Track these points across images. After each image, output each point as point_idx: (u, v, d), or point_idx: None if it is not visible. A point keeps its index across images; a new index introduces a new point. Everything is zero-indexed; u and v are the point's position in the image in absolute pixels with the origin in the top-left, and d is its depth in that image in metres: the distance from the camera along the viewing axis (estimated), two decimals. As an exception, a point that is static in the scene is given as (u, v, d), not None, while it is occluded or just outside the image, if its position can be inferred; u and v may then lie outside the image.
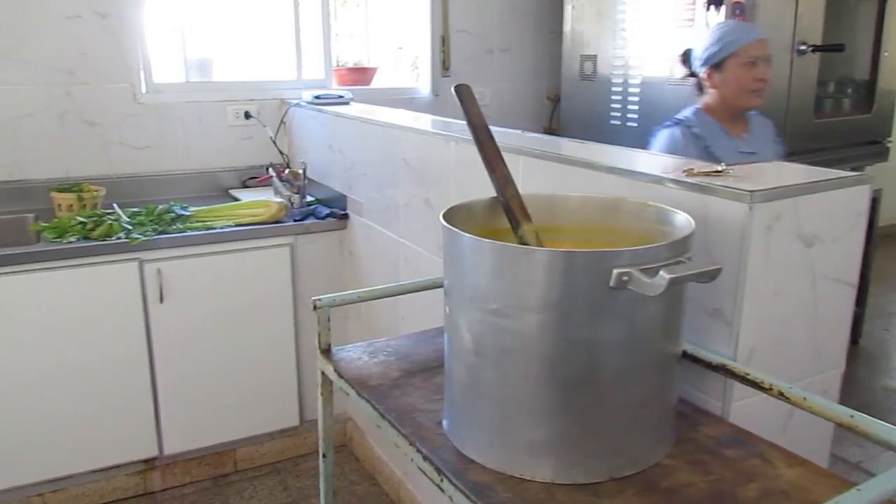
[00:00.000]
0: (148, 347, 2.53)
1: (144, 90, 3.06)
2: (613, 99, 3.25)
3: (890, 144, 3.66)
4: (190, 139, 3.17)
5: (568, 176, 1.51)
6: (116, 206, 2.68)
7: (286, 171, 2.87)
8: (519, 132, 1.93)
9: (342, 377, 1.31)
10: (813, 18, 2.94)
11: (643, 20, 3.06)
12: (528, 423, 0.98)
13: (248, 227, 2.63)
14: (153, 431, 2.60)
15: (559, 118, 3.78)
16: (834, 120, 3.46)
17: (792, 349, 1.24)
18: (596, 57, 3.34)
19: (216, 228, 2.58)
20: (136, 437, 2.58)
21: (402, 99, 3.58)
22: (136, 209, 2.66)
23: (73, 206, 2.67)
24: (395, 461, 2.63)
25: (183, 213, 2.67)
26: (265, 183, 3.11)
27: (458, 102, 1.17)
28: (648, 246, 0.92)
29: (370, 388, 1.25)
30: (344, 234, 2.81)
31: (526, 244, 1.12)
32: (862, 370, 3.66)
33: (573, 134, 3.40)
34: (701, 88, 2.33)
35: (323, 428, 1.43)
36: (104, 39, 2.93)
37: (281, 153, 3.18)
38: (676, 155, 2.09)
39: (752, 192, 1.10)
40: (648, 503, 0.93)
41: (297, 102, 3.15)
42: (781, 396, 1.03)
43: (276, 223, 2.69)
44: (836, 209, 1.21)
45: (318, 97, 3.02)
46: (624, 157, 1.55)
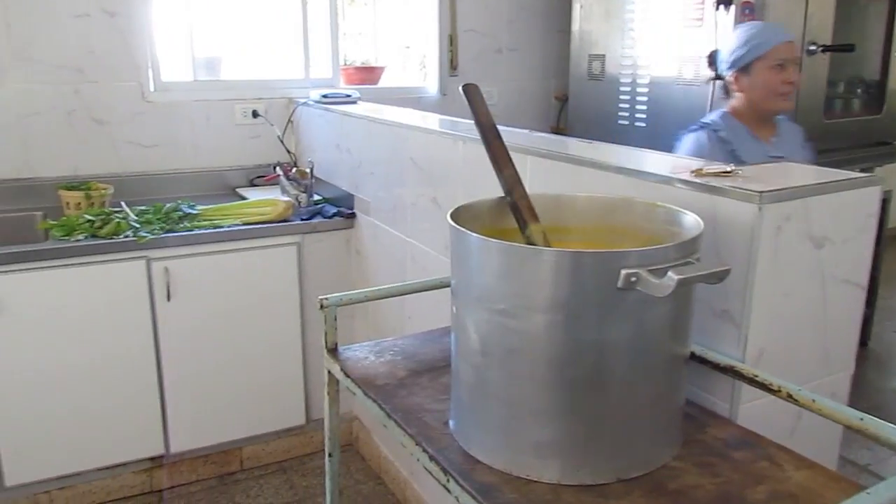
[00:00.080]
0: (155, 346, 2.54)
1: (153, 88, 3.07)
2: (621, 99, 3.24)
3: (900, 145, 3.64)
4: (198, 138, 3.18)
5: (576, 176, 1.51)
6: (124, 204, 2.69)
7: (293, 169, 2.88)
8: (527, 132, 1.93)
9: (349, 376, 1.31)
10: (823, 18, 2.93)
11: (652, 20, 3.05)
12: (534, 423, 0.98)
13: (255, 225, 2.63)
14: (160, 429, 2.60)
15: (567, 118, 3.77)
16: (844, 121, 3.44)
17: (801, 351, 1.23)
18: (604, 56, 3.34)
19: (223, 227, 2.59)
20: (142, 435, 2.59)
21: (409, 98, 3.58)
22: (143, 207, 2.67)
23: (81, 204, 2.68)
24: (400, 461, 2.63)
25: (190, 211, 2.67)
26: (272, 182, 3.12)
27: (465, 102, 1.17)
28: (657, 247, 0.92)
29: (377, 387, 1.25)
30: (351, 233, 2.81)
31: (533, 244, 1.11)
32: (871, 372, 3.64)
33: (581, 134, 3.39)
34: (727, 91, 2.26)
35: (329, 427, 1.43)
36: (112, 38, 2.94)
37: (288, 152, 3.18)
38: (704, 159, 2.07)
39: (761, 192, 1.09)
40: (656, 505, 0.92)
41: (304, 101, 3.15)
42: (790, 398, 1.02)
43: (283, 222, 2.69)
44: (846, 210, 1.20)
45: (325, 96, 3.02)
46: (632, 157, 1.55)
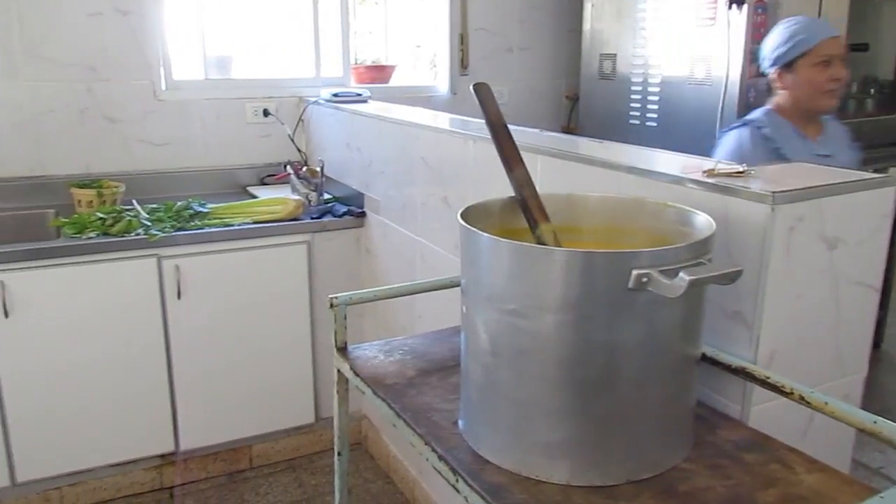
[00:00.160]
0: (165, 343, 2.54)
1: (164, 87, 3.08)
2: (633, 98, 3.23)
3: (914, 146, 3.60)
4: (209, 136, 3.19)
5: (586, 176, 1.50)
6: (136, 202, 2.71)
7: (304, 168, 2.88)
8: (537, 131, 1.92)
9: (358, 375, 1.31)
10: (837, 18, 2.90)
11: (663, 19, 3.04)
12: (544, 424, 0.97)
13: (265, 224, 2.64)
14: (170, 427, 2.61)
15: (578, 117, 3.76)
16: (857, 120, 3.41)
17: (813, 353, 1.22)
18: (615, 56, 3.32)
19: (234, 225, 2.60)
20: (152, 432, 2.60)
21: (420, 97, 3.58)
22: (154, 205, 2.68)
23: (92, 202, 2.70)
24: (409, 460, 2.63)
25: (201, 209, 2.68)
26: (283, 180, 3.13)
27: (476, 101, 1.17)
28: (668, 247, 0.91)
29: (386, 386, 1.25)
30: (361, 231, 2.81)
31: (544, 244, 1.11)
32: (885, 375, 3.61)
33: (592, 133, 3.38)
34: (771, 90, 2.19)
35: (338, 426, 1.43)
36: (125, 36, 2.95)
37: (299, 151, 3.19)
38: (743, 158, 1.99)
39: (774, 193, 1.08)
40: (666, 507, 0.92)
41: (315, 100, 3.16)
42: (802, 401, 1.02)
43: (293, 221, 2.69)
44: (859, 211, 1.19)
45: (336, 95, 3.02)
46: (643, 156, 1.54)
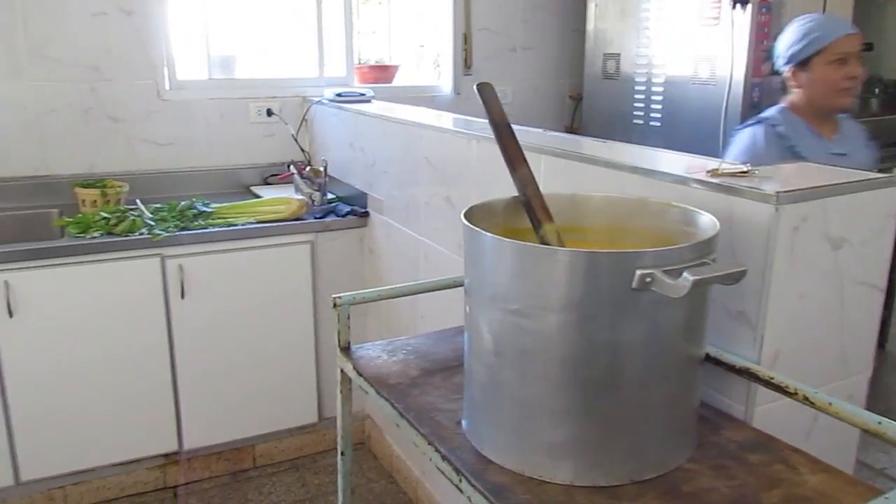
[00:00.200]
0: (169, 343, 2.55)
1: (168, 87, 3.08)
2: (636, 98, 3.23)
3: (919, 146, 3.59)
4: (212, 136, 3.19)
5: (590, 175, 1.50)
6: (139, 201, 2.71)
7: (307, 168, 2.88)
8: (541, 131, 1.92)
9: (361, 375, 1.31)
10: (841, 18, 2.90)
11: (667, 18, 3.04)
12: (548, 424, 0.97)
13: (269, 224, 2.64)
14: (173, 426, 2.62)
15: (581, 117, 3.76)
16: (862, 120, 3.39)
17: (818, 353, 1.22)
18: (619, 56, 3.32)
19: (237, 225, 2.60)
20: (156, 431, 2.60)
21: (423, 97, 3.58)
22: (158, 205, 2.69)
23: (96, 201, 2.70)
24: (412, 460, 2.63)
25: (205, 209, 2.68)
26: (286, 180, 3.13)
27: (480, 101, 1.17)
28: (672, 247, 0.91)
29: (389, 386, 1.25)
30: (364, 231, 2.81)
31: (547, 244, 1.11)
32: (889, 375, 3.60)
33: (595, 133, 3.37)
34: (785, 88, 2.14)
35: (341, 426, 1.43)
36: (129, 36, 2.96)
37: (302, 150, 3.19)
38: (757, 156, 1.98)
39: (778, 193, 1.08)
40: (669, 508, 0.92)
41: (318, 100, 3.16)
42: (806, 401, 1.01)
43: (296, 220, 2.69)
44: (864, 211, 1.19)
45: (339, 95, 3.02)
46: (647, 156, 1.54)
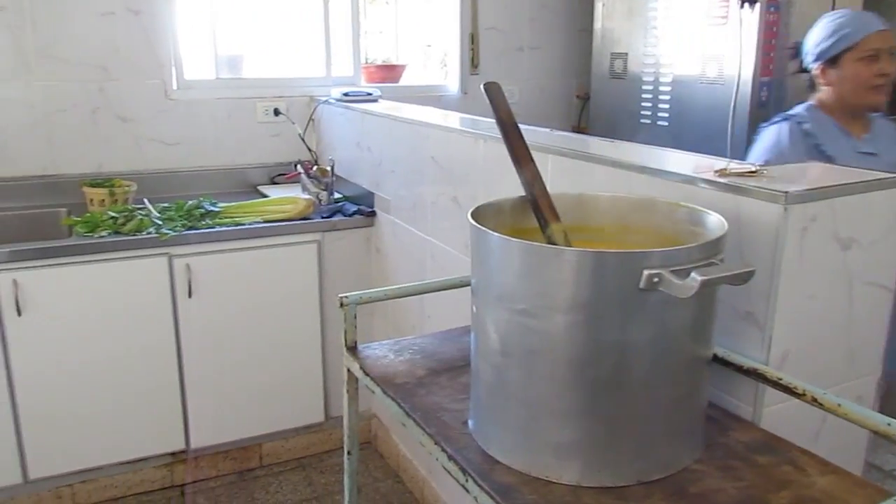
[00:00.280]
0: (176, 342, 2.55)
1: (175, 87, 3.09)
2: (644, 98, 3.22)
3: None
4: (220, 135, 3.20)
5: (597, 175, 1.50)
6: (147, 201, 2.72)
7: (314, 167, 2.89)
8: (548, 130, 1.92)
9: (368, 375, 1.31)
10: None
11: (675, 18, 3.02)
12: (554, 424, 0.97)
13: (276, 223, 2.64)
14: (181, 425, 2.63)
15: (589, 117, 3.75)
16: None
17: (826, 354, 1.21)
18: (626, 55, 3.31)
19: (245, 224, 2.60)
20: (163, 430, 2.61)
21: (430, 96, 3.58)
22: (166, 204, 2.69)
23: (104, 200, 2.71)
24: (419, 459, 2.63)
25: (212, 208, 2.69)
26: (293, 180, 3.13)
27: (487, 100, 1.17)
28: (680, 247, 0.91)
29: (396, 386, 1.25)
30: (371, 231, 2.82)
31: (554, 244, 1.10)
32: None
33: (602, 133, 3.37)
34: (814, 85, 2.09)
35: (348, 425, 1.43)
36: (136, 36, 2.97)
37: (309, 150, 3.19)
38: (781, 154, 1.95)
39: (787, 193, 1.08)
40: (677, 509, 0.91)
41: (325, 99, 3.16)
42: (815, 402, 1.01)
43: (303, 220, 2.70)
44: (874, 211, 1.18)
45: (346, 94, 3.02)
46: (654, 156, 1.53)
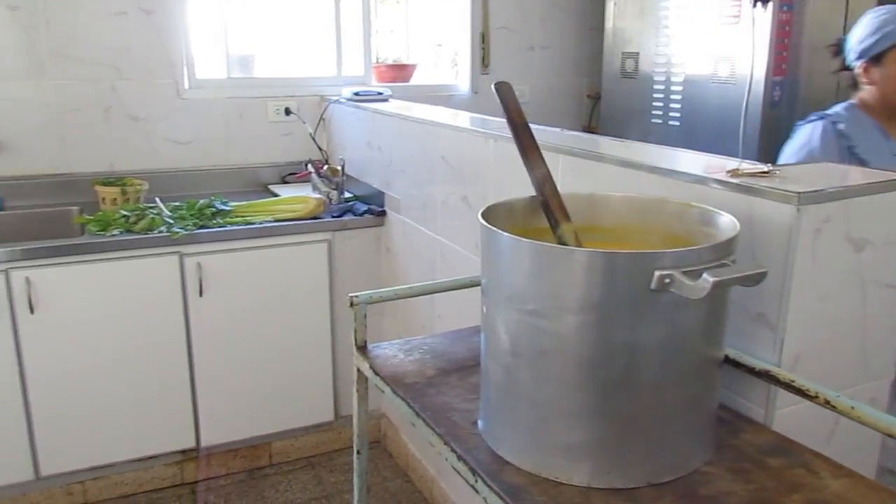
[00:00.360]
0: (187, 340, 2.56)
1: (187, 86, 3.10)
2: (655, 97, 3.20)
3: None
4: (231, 135, 3.21)
5: (608, 175, 1.49)
6: (159, 200, 2.73)
7: (325, 167, 2.89)
8: (559, 130, 1.91)
9: (378, 374, 1.31)
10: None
11: (687, 17, 3.01)
12: (564, 425, 0.97)
13: (286, 222, 2.65)
14: (191, 423, 2.64)
15: (599, 116, 3.74)
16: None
17: (839, 356, 1.20)
18: (638, 54, 3.30)
19: (255, 223, 2.61)
20: (174, 428, 2.62)
21: (441, 96, 3.58)
22: (177, 203, 2.70)
23: (116, 199, 2.73)
24: (428, 459, 2.63)
25: (223, 207, 2.70)
26: (304, 179, 3.14)
27: (497, 100, 1.16)
28: (692, 248, 0.90)
29: (405, 385, 1.25)
30: (381, 230, 2.82)
31: (565, 244, 1.10)
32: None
33: (614, 132, 3.35)
34: (856, 84, 2.04)
35: (358, 424, 1.43)
36: (148, 35, 2.98)
37: (320, 149, 3.20)
38: (811, 155, 1.92)
39: (799, 193, 1.07)
40: (687, 511, 0.91)
41: (336, 99, 3.17)
42: (828, 405, 1.00)
43: (314, 219, 2.70)
44: (888, 212, 1.17)
45: (357, 94, 3.02)
46: (666, 156, 1.52)
